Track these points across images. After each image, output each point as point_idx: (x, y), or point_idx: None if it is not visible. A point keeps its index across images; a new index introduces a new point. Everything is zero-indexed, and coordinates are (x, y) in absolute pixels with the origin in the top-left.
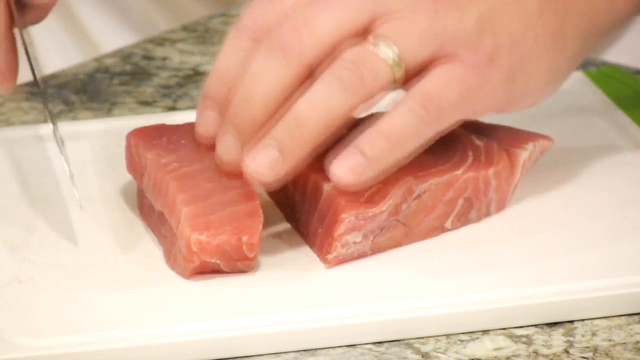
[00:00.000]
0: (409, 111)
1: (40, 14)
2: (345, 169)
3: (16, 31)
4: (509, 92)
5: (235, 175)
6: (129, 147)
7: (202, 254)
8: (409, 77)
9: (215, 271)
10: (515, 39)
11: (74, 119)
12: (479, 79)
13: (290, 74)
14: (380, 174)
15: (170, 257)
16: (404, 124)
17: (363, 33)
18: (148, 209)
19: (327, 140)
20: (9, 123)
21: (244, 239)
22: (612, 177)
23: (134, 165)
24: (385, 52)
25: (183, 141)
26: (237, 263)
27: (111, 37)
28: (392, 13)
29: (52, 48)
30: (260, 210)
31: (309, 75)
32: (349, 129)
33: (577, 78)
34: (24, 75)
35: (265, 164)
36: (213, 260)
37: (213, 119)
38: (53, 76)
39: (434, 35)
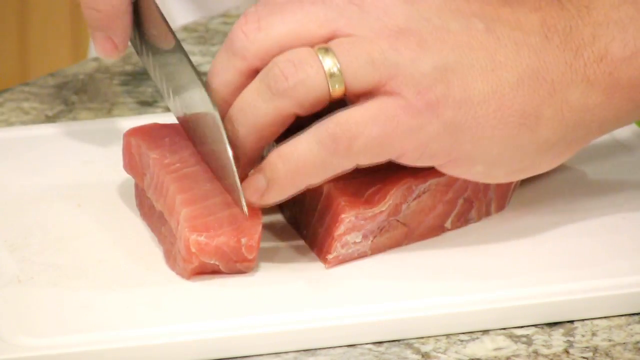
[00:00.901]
0: (316, 139)
1: None
2: (249, 190)
3: None
4: (450, 148)
5: None
6: (128, 146)
7: (201, 255)
8: (352, 99)
9: (214, 272)
10: (470, 99)
11: (74, 119)
12: (413, 122)
13: (234, 71)
14: (292, 195)
15: (170, 257)
16: (306, 151)
17: (319, 43)
18: (148, 209)
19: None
20: (9, 123)
21: (243, 240)
22: (612, 177)
23: (134, 165)
24: (326, 64)
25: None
26: (236, 264)
27: (180, 12)
28: (352, 35)
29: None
30: (260, 212)
31: None
32: None
33: None
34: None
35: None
36: (212, 262)
37: None
38: (53, 76)
39: (383, 64)
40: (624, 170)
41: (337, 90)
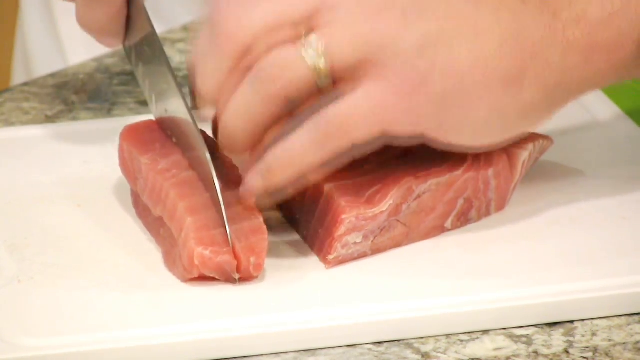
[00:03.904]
0: (310, 139)
1: None
2: (248, 193)
3: None
4: (440, 120)
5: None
6: (121, 150)
7: (203, 268)
8: (339, 77)
9: (213, 279)
10: (455, 69)
11: (74, 119)
12: (402, 104)
13: (222, 58)
14: (292, 183)
15: (169, 259)
16: (303, 153)
17: (302, 24)
18: (143, 210)
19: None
20: (9, 123)
21: (252, 259)
22: (612, 177)
23: (127, 168)
24: (310, 53)
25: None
26: (237, 280)
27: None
28: (333, 11)
29: (78, 38)
30: (265, 227)
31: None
32: None
33: None
34: (22, 77)
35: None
36: (212, 275)
37: None
38: (53, 76)
39: (368, 41)
40: (623, 171)
41: (324, 79)
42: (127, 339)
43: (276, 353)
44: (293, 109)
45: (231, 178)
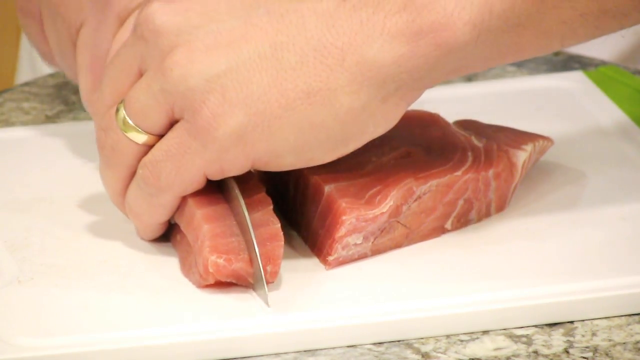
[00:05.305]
0: (135, 184)
1: None
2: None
3: None
4: (246, 153)
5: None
6: None
7: (218, 275)
8: (166, 130)
9: (229, 285)
10: (249, 96)
11: (74, 119)
12: (196, 143)
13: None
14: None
15: (185, 265)
16: (133, 198)
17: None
18: None
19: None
20: (9, 123)
21: (268, 268)
22: (612, 178)
23: None
24: (120, 122)
25: None
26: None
27: None
28: (145, 68)
29: None
30: (282, 233)
31: None
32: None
33: (577, 78)
34: (25, 75)
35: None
36: (228, 281)
37: None
38: (53, 76)
39: (162, 94)
40: (623, 171)
41: (145, 140)
42: (126, 339)
43: (276, 353)
44: None
45: (249, 183)
